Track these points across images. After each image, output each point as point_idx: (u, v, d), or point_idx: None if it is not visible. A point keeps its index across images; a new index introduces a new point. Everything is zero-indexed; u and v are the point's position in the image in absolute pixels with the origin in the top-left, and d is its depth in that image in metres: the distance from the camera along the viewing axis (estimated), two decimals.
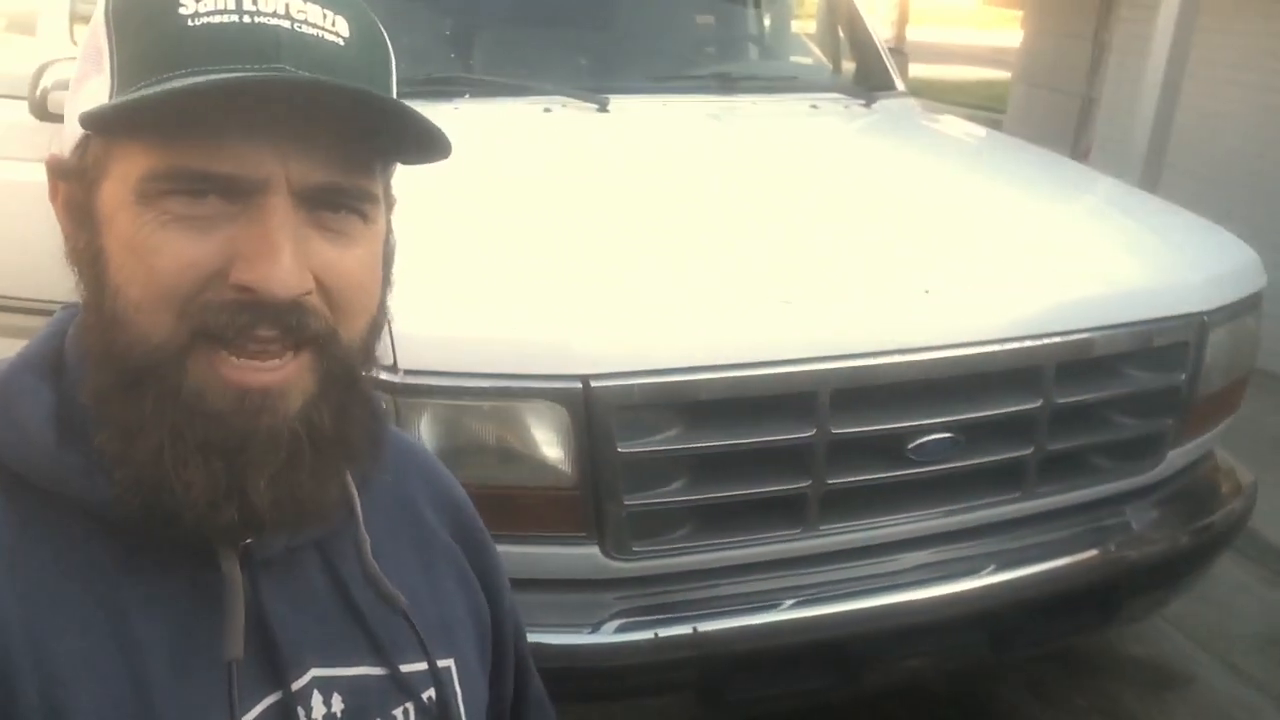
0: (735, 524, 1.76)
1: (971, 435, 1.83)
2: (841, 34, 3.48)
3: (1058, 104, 6.27)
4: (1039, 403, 1.86)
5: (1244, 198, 4.51)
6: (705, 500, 1.73)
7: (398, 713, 0.74)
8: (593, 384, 1.61)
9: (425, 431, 1.62)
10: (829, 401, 1.72)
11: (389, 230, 0.73)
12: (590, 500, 1.66)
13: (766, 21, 3.58)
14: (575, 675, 1.69)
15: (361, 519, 0.75)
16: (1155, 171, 3.78)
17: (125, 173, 0.62)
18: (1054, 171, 2.73)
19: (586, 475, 1.64)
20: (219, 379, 0.61)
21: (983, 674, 2.56)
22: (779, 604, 1.78)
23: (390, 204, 0.74)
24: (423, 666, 0.76)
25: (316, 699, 0.70)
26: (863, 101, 3.04)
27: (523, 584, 1.69)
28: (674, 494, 1.70)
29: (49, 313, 2.43)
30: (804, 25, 3.96)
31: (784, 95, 2.99)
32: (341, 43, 0.64)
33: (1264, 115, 4.58)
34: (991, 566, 1.90)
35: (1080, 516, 2.02)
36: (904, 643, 1.88)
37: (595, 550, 1.69)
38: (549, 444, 1.64)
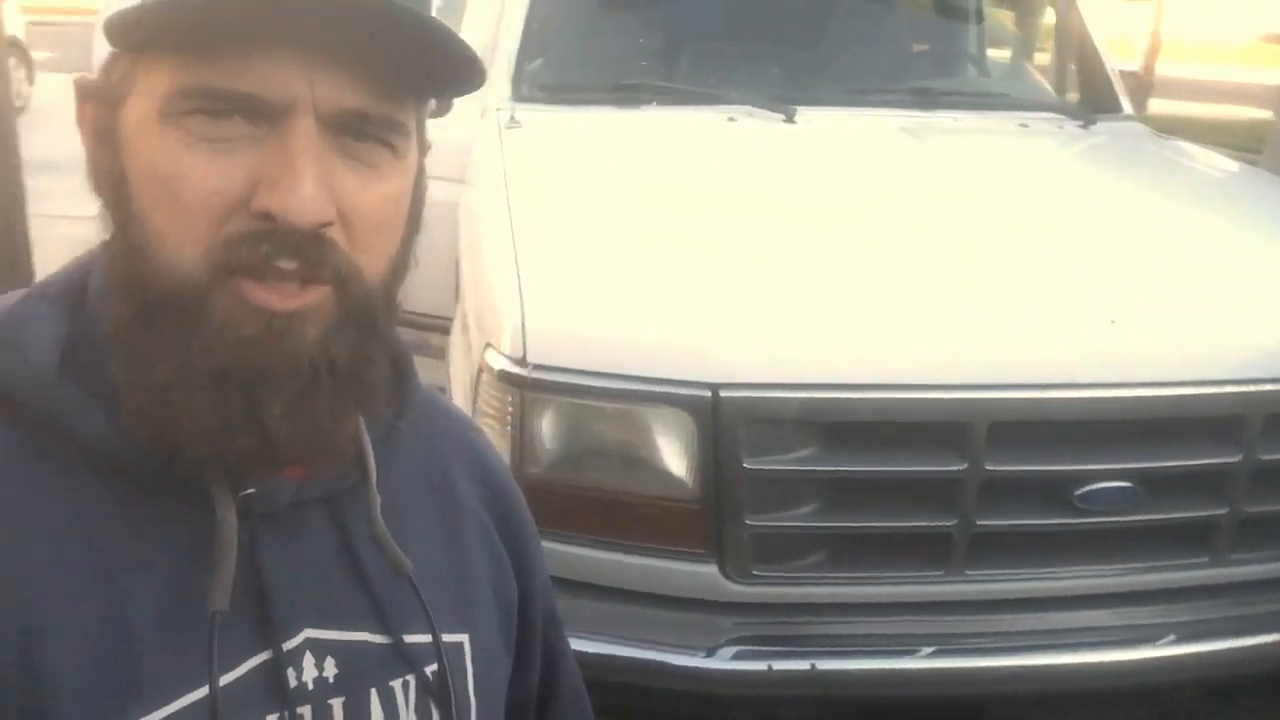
0: (869, 558, 1.63)
1: (1152, 487, 1.62)
2: (1073, 65, 3.26)
3: None
4: (1238, 457, 1.63)
5: None
6: (837, 529, 1.61)
7: (396, 684, 0.70)
8: (722, 394, 1.53)
9: (547, 429, 1.59)
10: (986, 434, 1.57)
11: (421, 173, 0.70)
12: (711, 516, 1.58)
13: (981, 39, 3.39)
14: (684, 699, 1.61)
15: (374, 477, 0.71)
16: None
17: (149, 89, 0.60)
18: None
19: (709, 489, 1.56)
20: (245, 305, 0.59)
21: None
22: (913, 651, 1.62)
23: (425, 147, 0.70)
24: (427, 639, 0.71)
25: (308, 661, 0.66)
26: (1080, 122, 2.81)
27: (639, 598, 1.67)
28: (802, 518, 1.59)
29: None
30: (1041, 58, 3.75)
31: (990, 112, 2.80)
32: None
33: None
34: (1170, 637, 1.67)
35: None
36: (1056, 711, 1.68)
37: (714, 570, 1.61)
38: (672, 453, 1.57)
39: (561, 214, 2.01)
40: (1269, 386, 1.64)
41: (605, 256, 1.82)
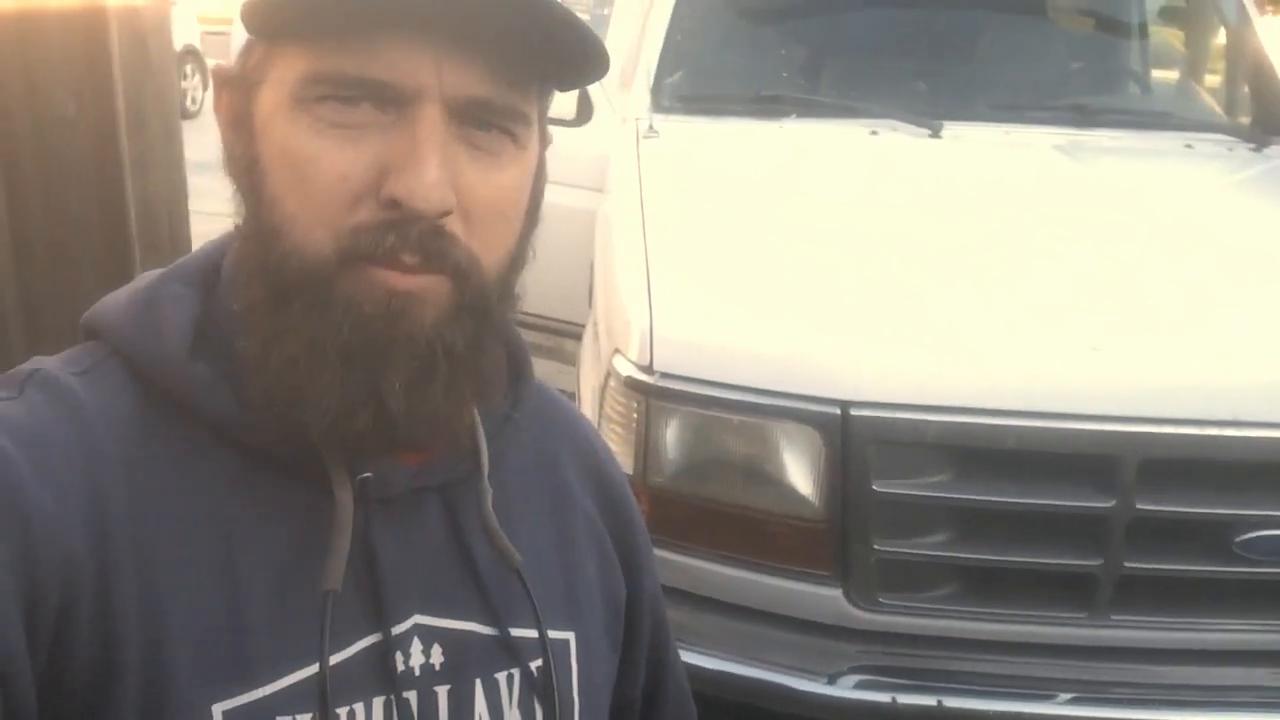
0: (1005, 594, 1.54)
1: None
2: (1246, 86, 3.07)
3: None
4: None
5: None
6: (971, 561, 1.53)
7: (501, 677, 0.70)
8: (852, 412, 1.48)
9: (671, 438, 1.56)
10: (1136, 470, 1.47)
11: (541, 166, 0.70)
12: (837, 538, 1.52)
13: (1144, 57, 3.23)
14: None
15: (487, 469, 0.71)
16: None
17: (282, 76, 0.62)
18: None
19: (835, 510, 1.51)
20: (367, 285, 0.60)
21: None
22: (1050, 696, 1.53)
23: (546, 139, 0.70)
24: (533, 634, 0.71)
25: (416, 646, 0.67)
26: (1253, 145, 2.64)
27: (759, 616, 1.62)
28: (933, 547, 1.52)
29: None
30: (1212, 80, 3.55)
31: (1152, 132, 2.65)
32: None
33: None
34: None
35: None
36: None
37: (838, 594, 1.55)
38: (798, 470, 1.52)
39: (695, 223, 1.99)
40: None
41: (737, 267, 1.79)
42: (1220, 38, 3.36)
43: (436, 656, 0.67)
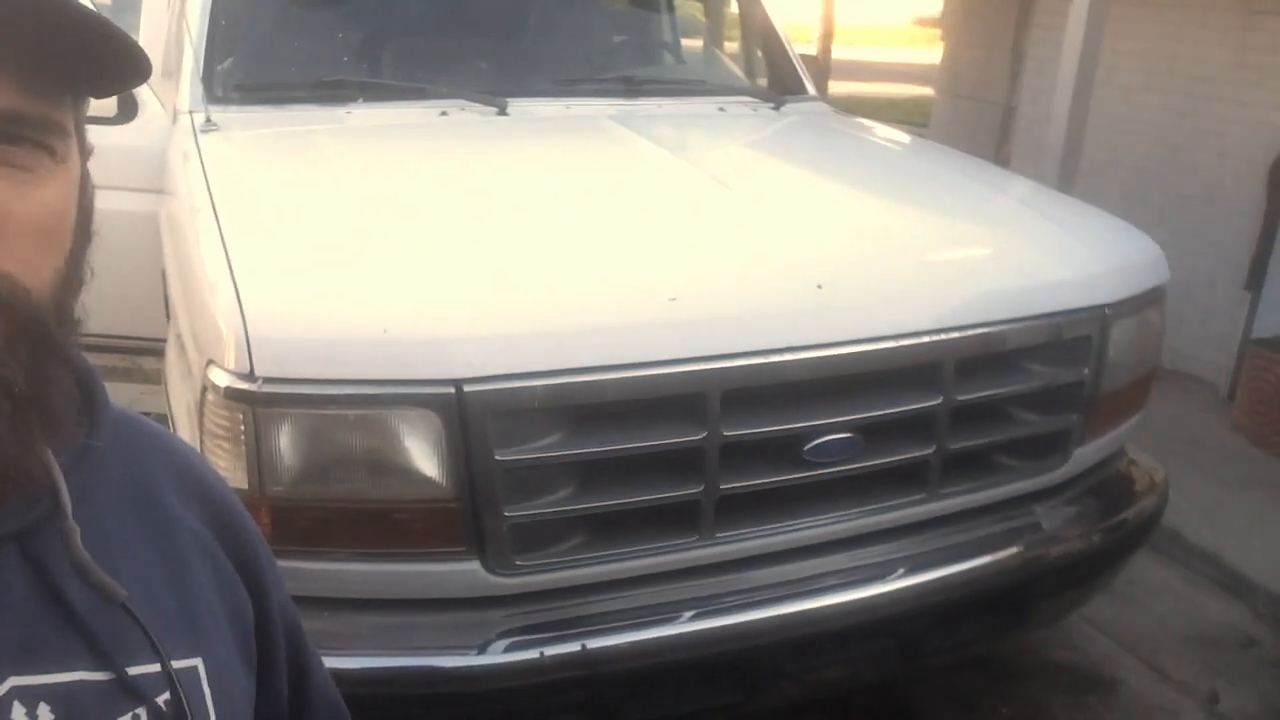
0: (626, 534, 1.68)
1: (870, 435, 1.77)
2: (759, 51, 3.46)
3: (980, 114, 6.31)
4: (939, 400, 1.80)
5: (1159, 201, 4.55)
6: (592, 509, 1.64)
7: None
8: (466, 388, 1.52)
9: (286, 444, 1.51)
10: (720, 403, 1.65)
11: (86, 178, 0.65)
12: (469, 513, 1.57)
13: (674, 29, 3.54)
14: (461, 699, 1.60)
15: (69, 506, 0.65)
16: (1070, 175, 3.78)
17: None
18: (963, 171, 2.70)
19: (463, 486, 1.55)
20: None
21: (905, 684, 2.49)
22: (675, 617, 1.69)
23: (87, 150, 0.66)
24: (156, 668, 0.67)
25: (19, 711, 0.61)
26: (772, 105, 3.00)
27: (407, 605, 1.63)
28: (558, 504, 1.61)
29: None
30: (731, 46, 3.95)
31: (690, 98, 2.93)
32: None
33: (1174, 120, 4.63)
34: (899, 571, 1.84)
35: (988, 517, 1.97)
36: (810, 653, 1.80)
37: (476, 566, 1.60)
38: (422, 454, 1.54)
39: (275, 218, 1.92)
40: (956, 334, 1.82)
41: (328, 259, 1.75)
42: (734, 8, 3.76)
43: (45, 716, 0.62)
